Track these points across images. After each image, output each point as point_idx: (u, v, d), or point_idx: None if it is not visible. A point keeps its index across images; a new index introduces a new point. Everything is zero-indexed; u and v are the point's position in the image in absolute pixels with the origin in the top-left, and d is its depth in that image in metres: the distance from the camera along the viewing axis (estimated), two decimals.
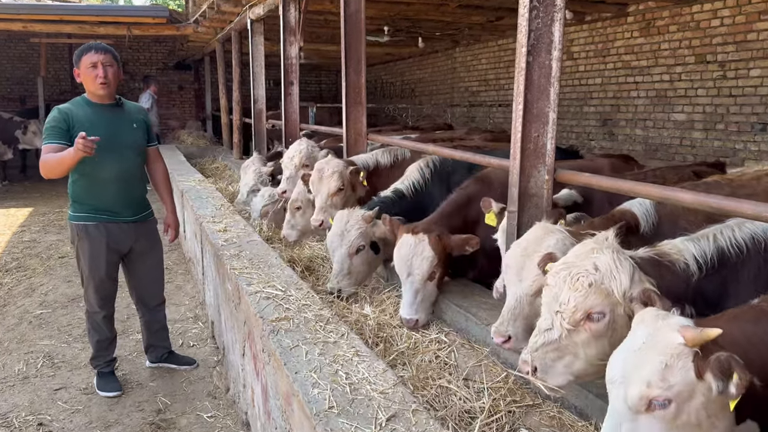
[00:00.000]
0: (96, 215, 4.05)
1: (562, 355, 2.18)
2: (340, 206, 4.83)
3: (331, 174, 4.81)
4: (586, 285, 2.13)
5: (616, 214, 2.96)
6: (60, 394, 4.28)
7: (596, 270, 2.15)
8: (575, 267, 2.19)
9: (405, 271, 3.54)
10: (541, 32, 2.91)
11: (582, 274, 2.16)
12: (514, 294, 2.69)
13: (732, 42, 7.54)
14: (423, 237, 3.54)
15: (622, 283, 2.12)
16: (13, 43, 17.52)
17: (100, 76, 3.90)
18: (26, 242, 8.49)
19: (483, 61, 12.89)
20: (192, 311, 5.81)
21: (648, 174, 3.77)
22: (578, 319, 2.14)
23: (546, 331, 2.20)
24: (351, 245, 4.01)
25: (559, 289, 2.20)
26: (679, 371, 1.64)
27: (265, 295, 3.33)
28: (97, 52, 3.92)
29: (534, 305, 2.60)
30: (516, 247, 2.76)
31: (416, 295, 3.51)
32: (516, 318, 2.65)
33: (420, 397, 2.74)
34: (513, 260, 2.73)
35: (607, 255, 2.18)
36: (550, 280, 2.26)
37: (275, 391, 2.72)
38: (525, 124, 2.96)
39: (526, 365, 2.22)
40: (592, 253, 2.22)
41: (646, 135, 8.92)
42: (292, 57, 7.36)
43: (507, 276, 2.76)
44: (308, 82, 20.62)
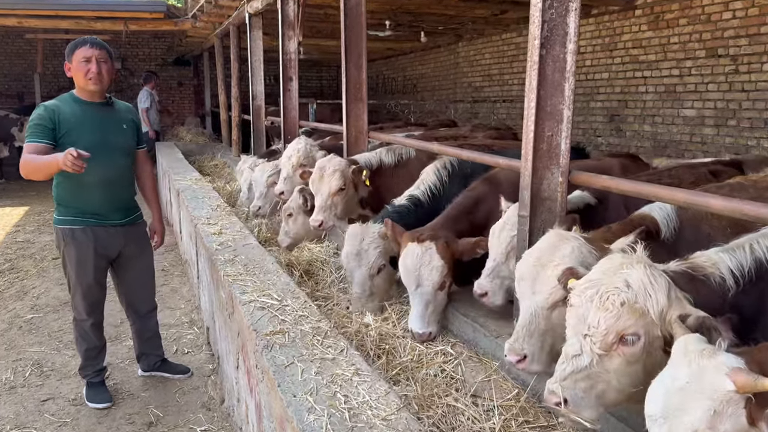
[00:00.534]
0: (83, 219, 3.85)
1: (594, 384, 1.96)
2: (340, 206, 4.64)
3: (333, 173, 4.61)
4: (618, 304, 1.91)
5: (635, 219, 2.74)
6: (47, 405, 4.09)
7: (628, 287, 1.93)
8: (603, 285, 1.97)
9: (413, 282, 3.33)
10: (555, 23, 2.69)
11: (612, 292, 1.94)
12: (529, 308, 2.48)
13: (744, 35, 7.29)
14: (430, 245, 3.32)
15: (659, 301, 1.90)
16: (10, 39, 17.31)
17: (92, 72, 3.69)
18: (20, 243, 8.31)
19: (486, 56, 12.64)
20: (187, 315, 5.61)
21: (663, 174, 3.55)
22: (610, 342, 1.92)
23: (574, 357, 1.98)
24: (371, 266, 3.76)
25: (585, 309, 1.98)
26: (728, 418, 1.46)
27: (259, 304, 3.13)
28: (92, 47, 3.71)
29: (550, 320, 2.42)
30: (528, 256, 2.56)
31: (427, 307, 3.30)
32: (531, 334, 2.43)
33: (425, 418, 2.54)
34: (526, 271, 2.52)
35: (640, 270, 1.95)
36: (575, 299, 2.04)
37: (269, 412, 2.51)
38: (538, 123, 2.75)
39: (555, 396, 1.99)
40: (621, 268, 1.99)
41: (654, 131, 8.68)
42: (291, 52, 7.15)
43: (519, 288, 2.56)
44: (309, 78, 20.38)
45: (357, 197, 4.82)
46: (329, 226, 4.69)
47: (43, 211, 10.30)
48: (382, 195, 4.81)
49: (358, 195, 4.83)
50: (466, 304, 3.49)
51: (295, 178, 5.47)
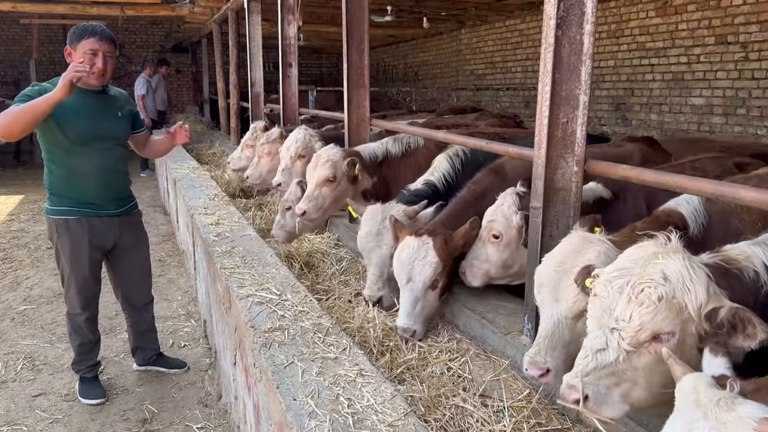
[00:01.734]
0: (77, 209, 3.70)
1: (619, 382, 1.79)
2: (328, 198, 4.46)
3: (324, 162, 4.45)
4: (655, 299, 1.74)
5: (661, 216, 2.56)
6: (39, 401, 3.96)
7: (666, 280, 1.75)
8: (635, 275, 1.80)
9: (405, 276, 3.15)
10: (572, 2, 2.53)
11: (648, 285, 1.76)
12: (551, 317, 2.29)
13: (755, 21, 7.12)
14: (427, 240, 3.15)
15: (698, 296, 1.73)
16: (6, 25, 17.09)
17: (98, 67, 3.51)
18: (14, 232, 8.16)
19: (489, 43, 12.44)
20: (184, 308, 5.48)
21: (686, 166, 3.39)
22: (642, 339, 1.76)
23: (599, 351, 1.81)
24: (393, 246, 3.45)
25: (612, 301, 1.81)
26: None
27: (257, 299, 2.99)
28: (101, 39, 3.50)
29: (575, 330, 2.23)
30: (549, 260, 2.36)
31: (415, 304, 3.11)
32: (555, 347, 2.24)
33: (433, 421, 2.40)
34: (547, 276, 2.33)
35: (678, 261, 1.78)
36: (600, 289, 1.87)
37: (268, 414, 2.38)
38: (552, 108, 2.59)
39: (574, 392, 1.81)
40: (655, 258, 1.82)
41: (661, 120, 8.52)
42: (291, 37, 6.96)
43: (540, 295, 2.37)
44: (309, 65, 20.18)
45: (357, 189, 4.65)
46: (313, 218, 4.51)
47: (38, 200, 10.14)
48: (389, 185, 4.65)
49: (360, 187, 4.66)
50: (473, 298, 3.34)
51: (294, 169, 5.33)
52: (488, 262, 3.16)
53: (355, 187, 4.58)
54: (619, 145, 4.49)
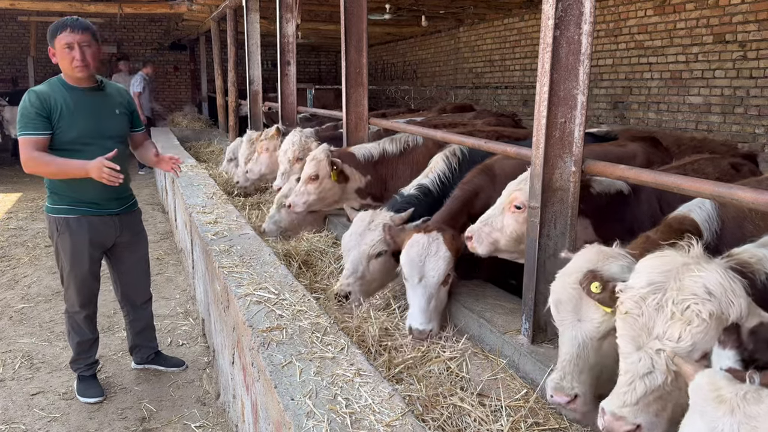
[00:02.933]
0: (78, 208, 3.70)
1: (666, 405, 1.72)
2: (313, 195, 4.53)
3: (310, 160, 4.56)
4: (706, 316, 1.65)
5: (674, 224, 2.48)
6: (37, 399, 3.96)
7: (710, 295, 1.67)
8: (674, 290, 1.72)
9: (417, 274, 3.16)
10: (570, 2, 2.53)
11: (693, 301, 1.67)
12: (575, 339, 2.15)
13: (753, 20, 7.13)
14: (437, 235, 3.17)
15: (741, 310, 1.67)
16: (4, 23, 17.06)
17: (77, 59, 3.48)
18: (12, 230, 8.15)
19: (488, 41, 12.44)
20: (182, 306, 5.47)
21: (687, 167, 3.38)
22: (694, 359, 1.68)
23: (645, 375, 1.71)
24: (373, 246, 3.55)
25: (650, 319, 1.73)
26: None
27: (256, 298, 2.99)
28: (72, 31, 3.46)
29: (601, 351, 2.12)
30: (567, 277, 2.20)
31: (430, 302, 3.12)
32: (582, 370, 2.12)
33: (430, 420, 2.41)
34: (566, 295, 2.18)
35: (716, 273, 1.70)
36: (632, 306, 1.78)
37: (266, 413, 2.38)
38: (550, 108, 2.60)
39: (625, 423, 1.71)
40: (688, 270, 1.74)
41: (659, 119, 8.53)
42: (289, 35, 6.95)
43: (560, 315, 2.23)
44: (307, 63, 20.15)
45: (350, 188, 4.66)
46: (299, 212, 4.64)
47: (36, 198, 10.12)
48: (386, 184, 4.67)
49: (353, 186, 4.67)
50: (470, 297, 3.35)
51: (293, 172, 5.34)
52: (501, 232, 3.03)
53: (345, 186, 4.60)
54: (623, 144, 4.48)
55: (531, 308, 2.77)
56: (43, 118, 3.45)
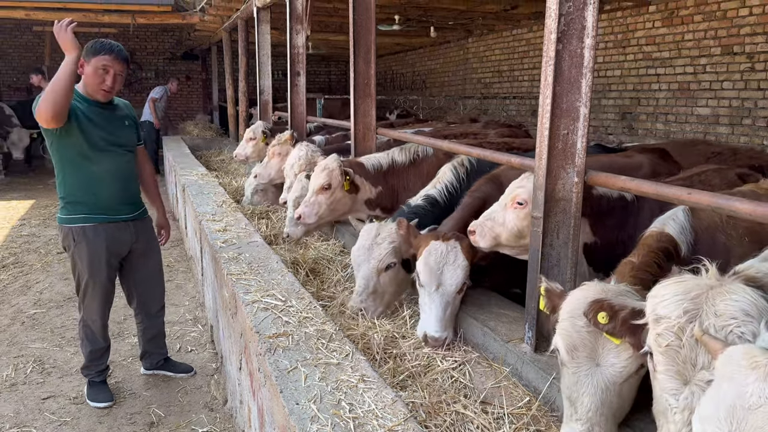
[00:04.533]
0: (94, 215, 3.77)
1: None
2: (324, 205, 4.53)
3: (321, 171, 4.55)
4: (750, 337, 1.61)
5: (652, 243, 2.42)
6: (48, 403, 4.03)
7: (748, 316, 1.65)
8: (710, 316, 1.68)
9: (434, 281, 3.18)
10: (572, 17, 2.58)
11: (735, 325, 1.64)
12: (596, 386, 2.04)
13: (761, 32, 7.15)
14: (455, 244, 3.20)
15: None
16: (19, 32, 17.34)
17: (107, 84, 3.64)
18: (25, 236, 8.26)
19: (497, 52, 12.51)
20: (191, 313, 5.54)
21: (693, 179, 3.41)
22: None
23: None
24: (381, 260, 3.56)
25: (691, 350, 1.68)
26: None
27: (263, 305, 3.04)
28: (115, 60, 3.64)
29: (622, 395, 2.05)
30: (576, 319, 2.09)
31: (446, 310, 3.15)
32: (607, 419, 2.04)
33: (433, 427, 2.44)
34: (579, 339, 2.07)
35: (746, 294, 1.68)
36: (671, 338, 1.72)
37: (271, 418, 2.43)
38: (553, 120, 2.64)
39: None
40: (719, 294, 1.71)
41: (667, 129, 8.54)
42: (299, 46, 7.04)
43: (575, 360, 2.10)
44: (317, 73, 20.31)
45: (359, 198, 4.69)
46: (309, 222, 4.59)
47: (48, 205, 10.26)
48: (396, 194, 4.69)
49: (363, 196, 4.71)
50: (474, 306, 3.39)
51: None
52: (503, 227, 3.08)
53: (354, 197, 4.62)
54: (629, 155, 4.51)
55: (534, 317, 2.80)
56: None
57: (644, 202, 3.12)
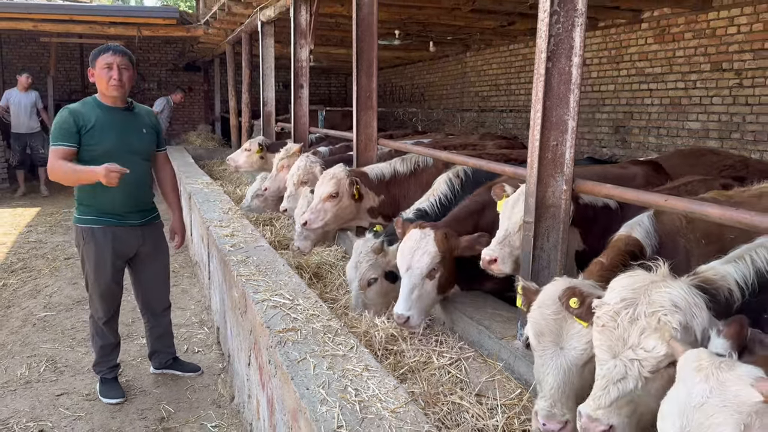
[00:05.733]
0: (103, 219, 3.98)
1: (636, 408, 1.91)
2: (330, 213, 4.75)
3: (329, 179, 4.78)
4: (676, 325, 1.86)
5: (621, 246, 2.66)
6: (62, 399, 4.20)
7: (677, 308, 1.88)
8: (644, 305, 1.92)
9: (405, 264, 3.44)
10: (561, 38, 2.81)
11: (663, 313, 1.87)
12: (560, 367, 2.26)
13: (749, 50, 7.40)
14: (429, 232, 3.45)
15: (703, 320, 1.89)
16: (24, 43, 17.57)
17: (114, 78, 3.84)
18: (32, 242, 8.45)
19: (494, 66, 12.78)
20: (197, 316, 5.73)
21: (680, 188, 3.65)
22: (663, 366, 1.88)
23: (619, 381, 1.90)
24: (362, 278, 3.87)
25: (624, 331, 1.93)
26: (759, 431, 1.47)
27: (272, 303, 3.25)
28: (114, 54, 3.86)
29: (583, 376, 2.24)
30: (545, 308, 2.34)
31: (412, 291, 3.38)
32: (569, 396, 2.23)
33: (431, 414, 2.64)
34: (545, 326, 2.31)
35: (681, 288, 1.92)
36: (607, 320, 1.98)
37: (282, 405, 2.62)
38: (543, 133, 2.87)
39: (599, 425, 1.87)
40: (656, 287, 1.95)
41: (659, 143, 8.78)
42: (303, 60, 7.29)
43: (541, 345, 2.33)
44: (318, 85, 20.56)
45: (363, 207, 4.91)
46: (314, 228, 4.82)
47: (54, 212, 10.46)
48: (398, 203, 4.91)
49: (366, 205, 4.93)
50: (471, 306, 3.60)
51: (299, 195, 5.61)
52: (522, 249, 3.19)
53: (359, 205, 4.85)
54: (624, 167, 4.76)
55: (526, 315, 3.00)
56: (72, 132, 3.77)
57: (628, 210, 3.34)
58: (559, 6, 2.77)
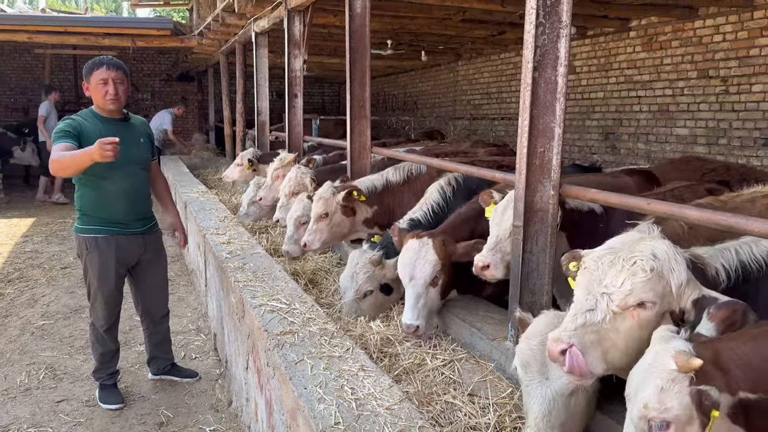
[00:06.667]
0: (106, 228, 4.05)
1: (601, 340, 2.03)
2: (325, 232, 4.82)
3: (317, 200, 4.87)
4: (648, 269, 2.02)
5: None
6: (62, 406, 4.26)
7: (655, 257, 2.05)
8: (626, 252, 2.09)
9: (407, 274, 3.52)
10: (546, 48, 2.92)
11: (640, 258, 2.04)
12: (544, 396, 2.30)
13: (734, 57, 7.57)
14: (427, 241, 3.53)
15: (681, 275, 2.04)
16: (18, 54, 17.63)
17: (110, 93, 3.92)
18: (28, 252, 8.49)
19: (485, 75, 12.93)
20: (194, 323, 5.80)
21: (667, 194, 3.77)
22: (630, 303, 2.03)
23: (588, 311, 2.05)
24: (358, 290, 3.95)
25: (603, 272, 2.08)
26: (675, 395, 1.68)
27: (269, 308, 3.33)
28: (108, 69, 3.92)
29: (569, 407, 2.29)
30: (531, 339, 2.39)
31: (418, 300, 3.47)
32: (554, 426, 2.28)
33: (425, 413, 2.72)
34: (531, 356, 2.35)
35: (664, 244, 2.09)
36: (590, 264, 2.14)
37: (280, 405, 2.70)
38: (531, 140, 2.97)
39: (561, 344, 2.00)
40: (643, 241, 2.12)
41: (648, 149, 8.93)
42: (297, 70, 7.39)
43: (528, 375, 2.37)
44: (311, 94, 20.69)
45: (358, 220, 4.98)
46: (314, 248, 4.91)
47: (49, 222, 10.50)
48: (392, 212, 4.98)
49: (361, 217, 5.00)
50: (464, 310, 3.69)
51: (290, 206, 5.68)
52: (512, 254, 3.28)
53: (353, 219, 4.93)
54: (617, 176, 4.90)
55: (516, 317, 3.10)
56: (72, 134, 3.82)
57: (613, 214, 3.46)
58: (545, 18, 2.89)
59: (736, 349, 1.76)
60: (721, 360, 1.74)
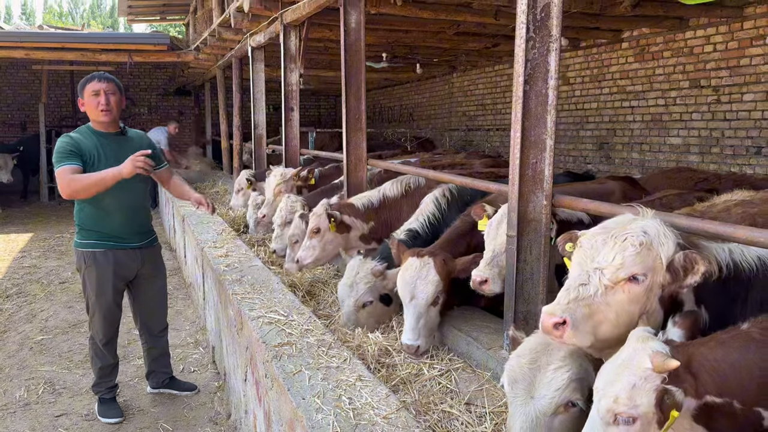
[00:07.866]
0: (104, 242, 4.09)
1: (593, 314, 2.10)
2: (318, 248, 4.86)
3: (311, 216, 4.93)
4: (637, 243, 2.12)
5: None
6: (61, 420, 4.28)
7: (645, 233, 2.16)
8: (618, 230, 2.19)
9: (408, 294, 3.54)
10: (537, 62, 2.98)
11: (631, 234, 2.15)
12: (527, 415, 2.26)
13: (725, 67, 7.66)
14: (428, 260, 3.54)
15: (670, 249, 2.13)
16: (15, 70, 17.72)
17: (102, 104, 3.97)
18: (26, 267, 8.51)
19: (480, 86, 13.04)
20: (192, 336, 5.82)
21: (656, 202, 3.82)
22: (621, 278, 2.12)
23: (581, 285, 2.13)
24: (358, 300, 3.96)
25: (596, 250, 2.18)
26: (645, 393, 1.75)
27: (267, 320, 3.36)
28: (99, 81, 4.00)
29: (553, 428, 2.25)
30: (520, 358, 2.37)
31: (419, 320, 3.49)
32: None
33: (422, 422, 2.75)
34: (520, 373, 2.32)
35: (654, 222, 2.21)
36: (585, 242, 2.24)
37: (278, 416, 2.73)
38: (523, 151, 3.02)
39: (554, 317, 2.07)
40: (635, 221, 2.23)
41: (642, 158, 9.00)
42: (293, 84, 7.46)
43: (513, 392, 2.34)
44: (307, 107, 20.80)
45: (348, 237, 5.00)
46: (307, 264, 4.93)
47: (47, 237, 10.52)
48: (391, 227, 4.98)
49: (357, 233, 5.02)
50: (460, 320, 3.72)
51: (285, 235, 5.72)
52: None
53: (347, 235, 4.95)
54: (603, 182, 4.96)
55: (511, 325, 3.13)
56: (76, 154, 3.88)
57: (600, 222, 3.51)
58: (535, 33, 2.95)
59: (707, 355, 1.85)
60: (692, 365, 1.84)
